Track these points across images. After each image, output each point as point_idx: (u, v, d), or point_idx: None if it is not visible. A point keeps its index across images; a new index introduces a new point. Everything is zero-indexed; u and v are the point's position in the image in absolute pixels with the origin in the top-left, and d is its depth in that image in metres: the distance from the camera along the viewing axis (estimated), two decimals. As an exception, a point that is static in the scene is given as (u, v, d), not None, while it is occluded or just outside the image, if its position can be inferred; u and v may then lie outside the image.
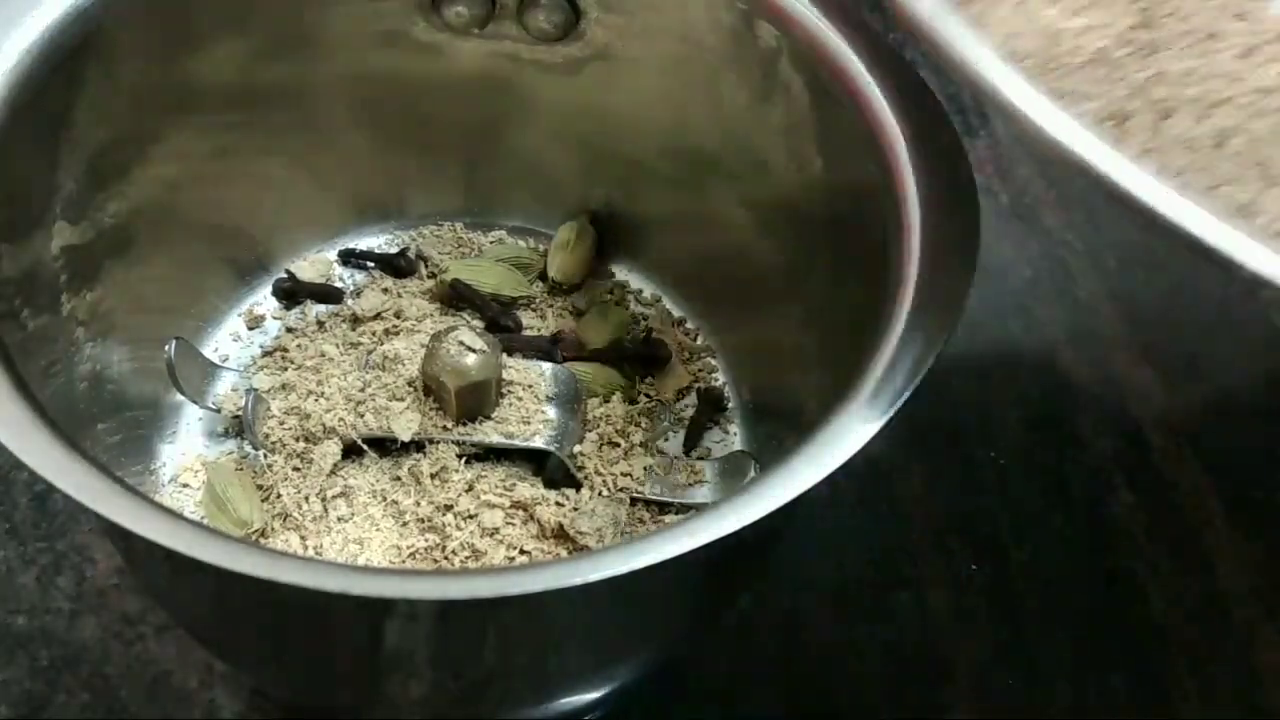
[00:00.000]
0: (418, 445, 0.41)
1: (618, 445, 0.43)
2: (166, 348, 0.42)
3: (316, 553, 0.40)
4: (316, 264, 0.49)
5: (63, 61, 0.37)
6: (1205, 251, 0.27)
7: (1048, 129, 0.28)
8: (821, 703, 0.44)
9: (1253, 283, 0.27)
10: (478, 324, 0.46)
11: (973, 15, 0.30)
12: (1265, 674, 0.46)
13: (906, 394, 0.31)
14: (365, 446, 0.42)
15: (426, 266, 0.49)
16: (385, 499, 0.41)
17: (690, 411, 0.46)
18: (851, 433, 0.30)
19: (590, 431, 0.43)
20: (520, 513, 0.41)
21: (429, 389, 0.42)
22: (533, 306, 0.49)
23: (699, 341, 0.48)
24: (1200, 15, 0.30)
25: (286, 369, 0.45)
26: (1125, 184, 0.27)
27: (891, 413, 0.31)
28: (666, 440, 0.44)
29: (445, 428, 0.41)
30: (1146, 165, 0.28)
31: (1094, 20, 0.30)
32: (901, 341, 0.32)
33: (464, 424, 0.42)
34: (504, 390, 0.42)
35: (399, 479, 0.41)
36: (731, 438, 0.46)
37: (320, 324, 0.47)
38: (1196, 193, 0.28)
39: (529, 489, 0.41)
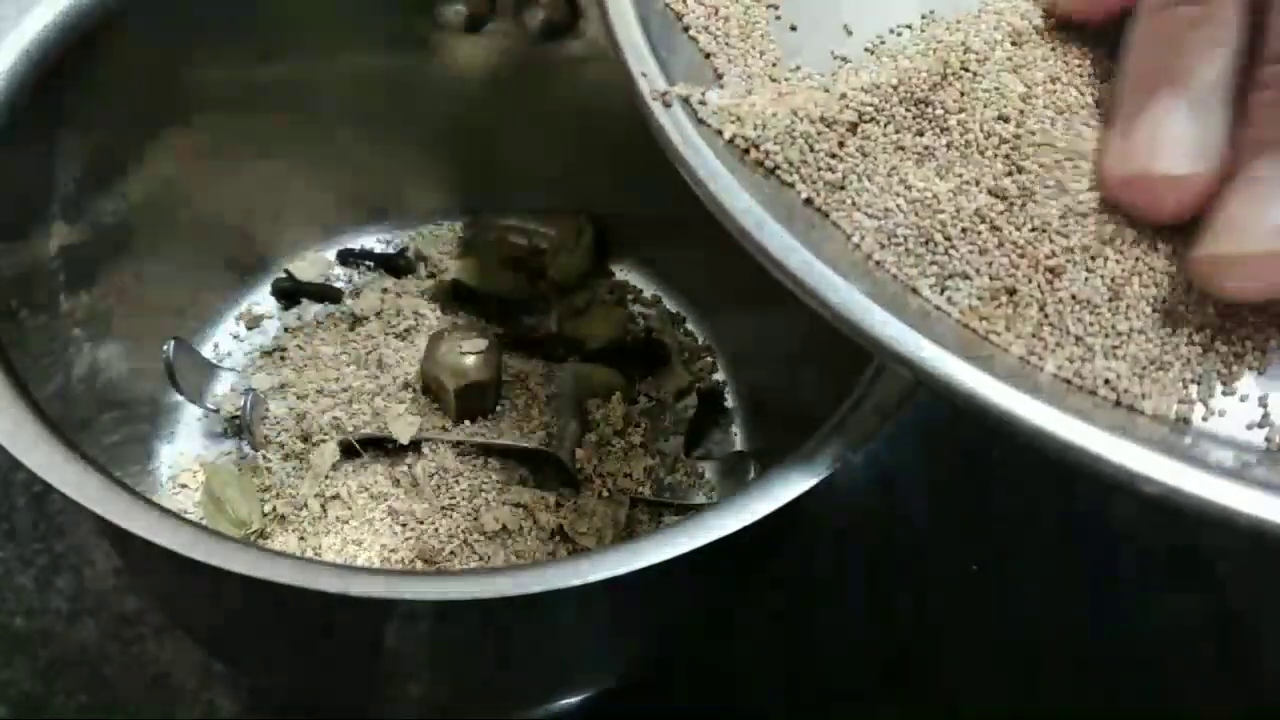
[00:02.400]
0: (416, 446, 0.41)
1: (618, 445, 0.43)
2: (165, 348, 0.42)
3: (315, 553, 0.40)
4: (315, 263, 0.49)
5: (62, 61, 0.37)
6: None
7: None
8: (821, 702, 0.44)
9: None
10: (478, 324, 0.46)
11: (848, 197, 0.29)
12: (1266, 678, 0.45)
13: (906, 393, 0.31)
14: (363, 447, 0.41)
15: (426, 266, 0.49)
16: (384, 499, 0.41)
17: (690, 412, 0.46)
18: (851, 432, 0.30)
19: (590, 432, 0.43)
20: (520, 513, 0.41)
21: (428, 389, 0.42)
22: (533, 306, 0.48)
23: (699, 341, 0.48)
24: (1062, 133, 0.29)
25: (285, 369, 0.45)
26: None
27: (891, 412, 0.31)
28: (666, 440, 0.44)
29: (444, 428, 0.41)
30: (1047, 337, 0.28)
31: (965, 175, 0.29)
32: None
33: (463, 424, 0.41)
34: (503, 390, 0.42)
35: (398, 480, 0.41)
36: (731, 438, 0.46)
37: (319, 324, 0.47)
38: (1102, 356, 0.27)
39: (529, 489, 0.41)
